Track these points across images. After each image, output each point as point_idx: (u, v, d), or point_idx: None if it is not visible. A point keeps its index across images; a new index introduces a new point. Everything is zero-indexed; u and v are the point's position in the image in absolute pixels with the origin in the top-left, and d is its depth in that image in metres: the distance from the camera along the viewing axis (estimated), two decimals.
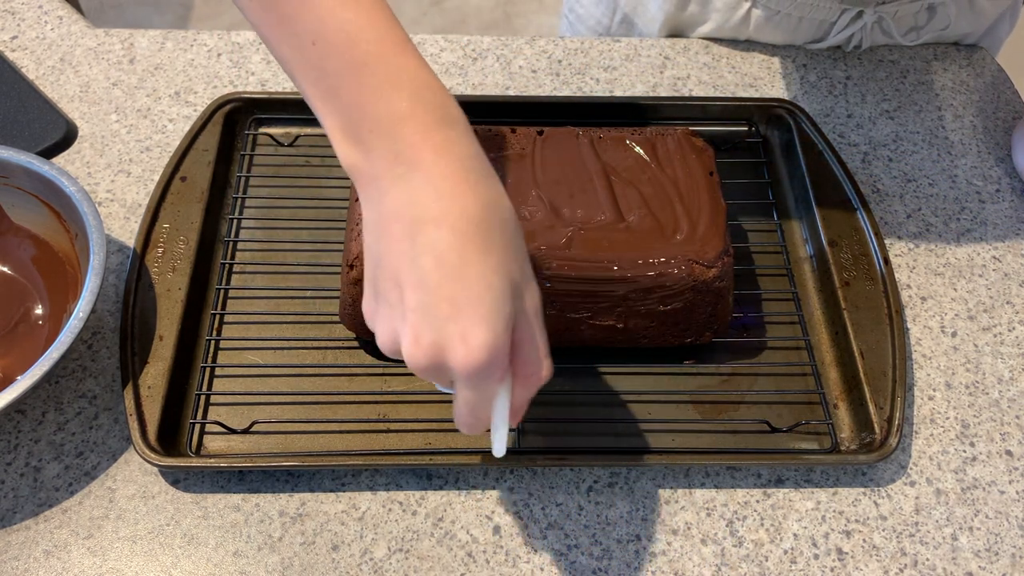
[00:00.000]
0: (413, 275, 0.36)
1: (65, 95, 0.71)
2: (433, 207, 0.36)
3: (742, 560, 0.52)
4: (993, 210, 0.68)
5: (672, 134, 0.59)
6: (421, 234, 0.36)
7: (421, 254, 0.36)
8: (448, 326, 0.36)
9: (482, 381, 0.37)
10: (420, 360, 0.37)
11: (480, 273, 0.36)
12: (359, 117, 0.38)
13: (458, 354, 0.36)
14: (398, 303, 0.37)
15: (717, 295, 0.55)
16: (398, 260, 0.37)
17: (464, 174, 0.37)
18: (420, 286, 0.36)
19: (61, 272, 0.59)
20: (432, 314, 0.36)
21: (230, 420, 0.55)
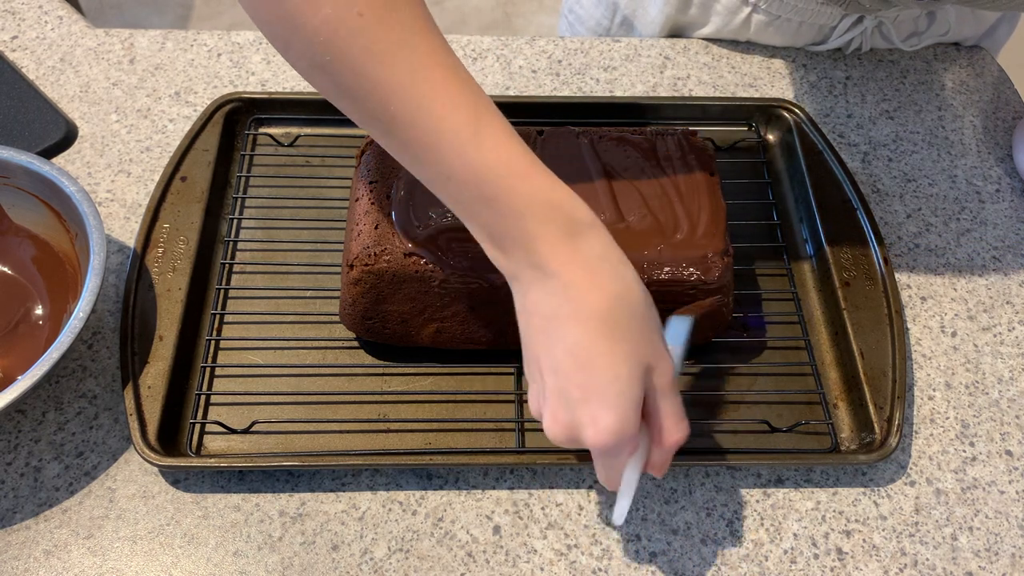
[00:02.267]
0: (550, 363, 0.42)
1: (65, 95, 0.71)
2: (564, 307, 0.42)
3: (742, 560, 0.52)
4: (993, 210, 0.68)
5: (672, 134, 0.59)
6: (555, 329, 0.42)
7: (555, 346, 0.42)
8: (580, 409, 0.41)
9: (611, 457, 0.43)
10: (558, 435, 0.43)
11: (608, 363, 0.41)
12: (499, 235, 0.43)
13: (588, 433, 0.41)
14: (541, 384, 0.44)
15: (717, 295, 0.55)
16: (538, 349, 0.43)
17: (591, 276, 0.42)
18: (556, 373, 0.42)
19: (61, 272, 0.59)
20: (566, 398, 0.42)
21: (230, 420, 0.55)
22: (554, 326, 0.42)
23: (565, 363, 0.42)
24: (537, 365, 0.43)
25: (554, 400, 0.42)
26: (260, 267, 0.62)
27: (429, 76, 0.40)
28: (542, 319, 0.43)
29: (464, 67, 0.42)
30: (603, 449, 0.42)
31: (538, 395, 0.44)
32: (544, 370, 0.43)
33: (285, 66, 0.74)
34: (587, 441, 0.42)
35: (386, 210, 0.54)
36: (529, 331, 0.44)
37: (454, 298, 0.54)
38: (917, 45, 0.77)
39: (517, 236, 0.42)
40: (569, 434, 0.42)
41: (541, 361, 0.43)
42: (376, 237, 0.53)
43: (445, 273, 0.53)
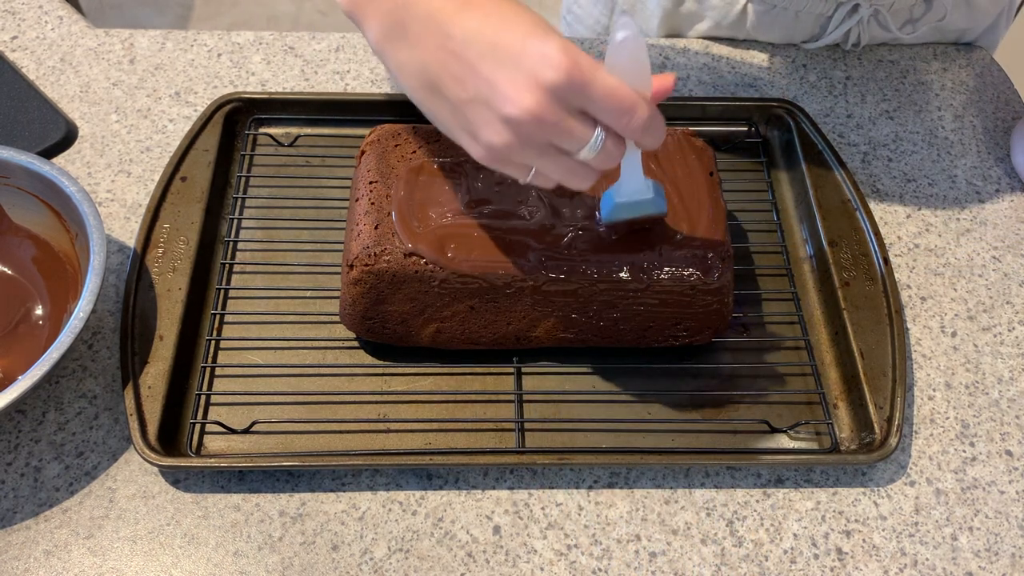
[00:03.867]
0: (472, 55, 0.41)
1: (65, 95, 0.71)
2: (448, 8, 0.41)
3: (742, 560, 0.52)
4: (993, 210, 0.68)
5: (672, 134, 0.59)
6: (455, 28, 0.41)
7: (464, 39, 0.41)
8: (525, 61, 0.39)
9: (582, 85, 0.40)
10: (531, 101, 0.40)
11: (516, 13, 0.41)
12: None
13: (548, 73, 0.39)
14: (477, 91, 0.41)
15: (717, 295, 0.55)
16: (451, 61, 0.41)
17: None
18: (482, 57, 0.40)
19: (61, 272, 0.59)
20: (508, 63, 0.40)
21: (230, 420, 0.55)
22: (453, 24, 0.41)
23: (483, 40, 0.40)
24: (458, 77, 0.42)
25: (501, 78, 0.40)
26: (260, 267, 0.62)
27: None
28: (435, 27, 0.42)
29: None
30: (568, 72, 0.39)
31: (480, 110, 0.42)
32: (472, 66, 0.41)
33: (285, 66, 0.74)
34: (551, 76, 0.39)
35: (386, 210, 0.54)
36: (426, 56, 0.42)
37: (454, 298, 0.54)
38: (913, 33, 0.76)
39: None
40: (536, 88, 0.40)
41: (462, 64, 0.41)
42: (376, 237, 0.53)
43: (445, 273, 0.53)
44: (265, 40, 0.76)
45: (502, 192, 0.55)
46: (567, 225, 0.54)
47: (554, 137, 0.42)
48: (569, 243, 0.54)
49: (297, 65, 0.74)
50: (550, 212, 0.55)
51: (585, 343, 0.57)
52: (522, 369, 0.58)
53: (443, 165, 0.56)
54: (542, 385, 0.57)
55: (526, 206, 0.55)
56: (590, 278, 0.53)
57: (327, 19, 1.99)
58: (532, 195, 0.56)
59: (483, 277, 0.53)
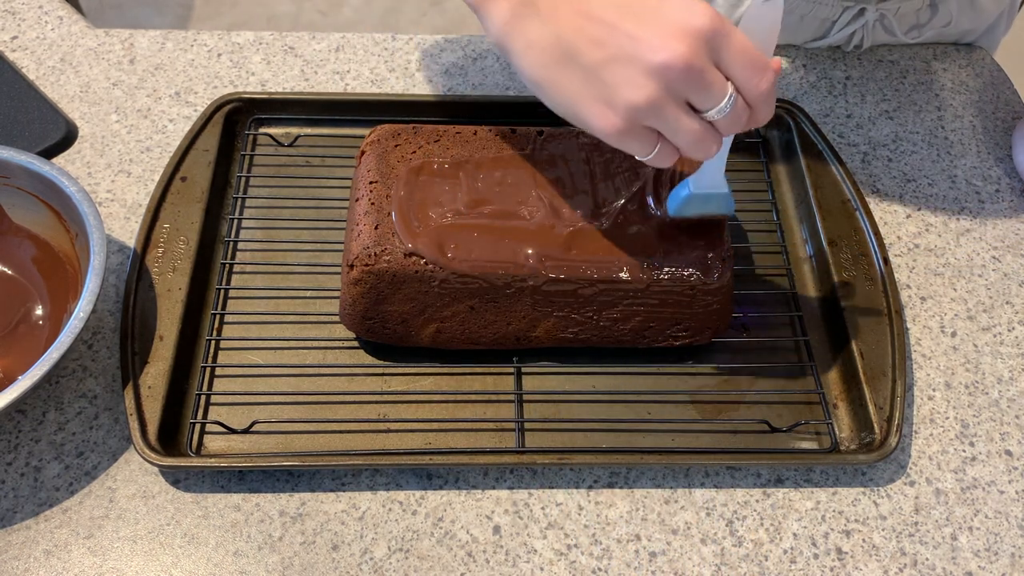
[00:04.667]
0: (611, 17, 0.41)
1: (65, 95, 0.71)
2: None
3: (742, 560, 0.52)
4: (993, 210, 0.68)
5: None
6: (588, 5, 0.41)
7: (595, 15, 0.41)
8: (668, 13, 0.40)
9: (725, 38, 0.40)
10: (680, 50, 0.39)
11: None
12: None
13: (696, 21, 0.39)
14: (619, 50, 0.41)
15: (717, 295, 0.55)
16: (589, 25, 0.41)
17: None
18: (622, 14, 0.40)
19: (61, 272, 0.59)
20: (650, 19, 0.40)
21: (230, 420, 0.55)
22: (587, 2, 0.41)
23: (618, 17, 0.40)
24: (596, 41, 0.41)
25: (645, 32, 0.40)
26: (260, 267, 0.62)
27: None
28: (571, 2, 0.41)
29: None
30: (715, 24, 0.39)
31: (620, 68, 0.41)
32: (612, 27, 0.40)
33: (285, 66, 0.74)
34: (699, 23, 0.39)
35: (386, 210, 0.54)
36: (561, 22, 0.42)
37: (454, 298, 0.54)
38: (918, 38, 0.76)
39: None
40: (684, 37, 0.39)
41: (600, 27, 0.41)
42: (376, 237, 0.53)
43: (445, 273, 0.53)
44: (265, 40, 0.76)
45: (502, 192, 0.55)
46: (567, 225, 0.54)
47: (697, 88, 0.41)
48: (569, 243, 0.54)
49: (297, 65, 0.74)
50: (550, 212, 0.55)
51: (585, 343, 0.57)
52: (522, 369, 0.58)
53: (443, 165, 0.56)
54: (542, 385, 0.57)
55: (526, 206, 0.55)
56: (590, 278, 0.53)
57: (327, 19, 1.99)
58: (532, 195, 0.56)
59: (483, 277, 0.53)
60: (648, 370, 0.58)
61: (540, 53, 0.44)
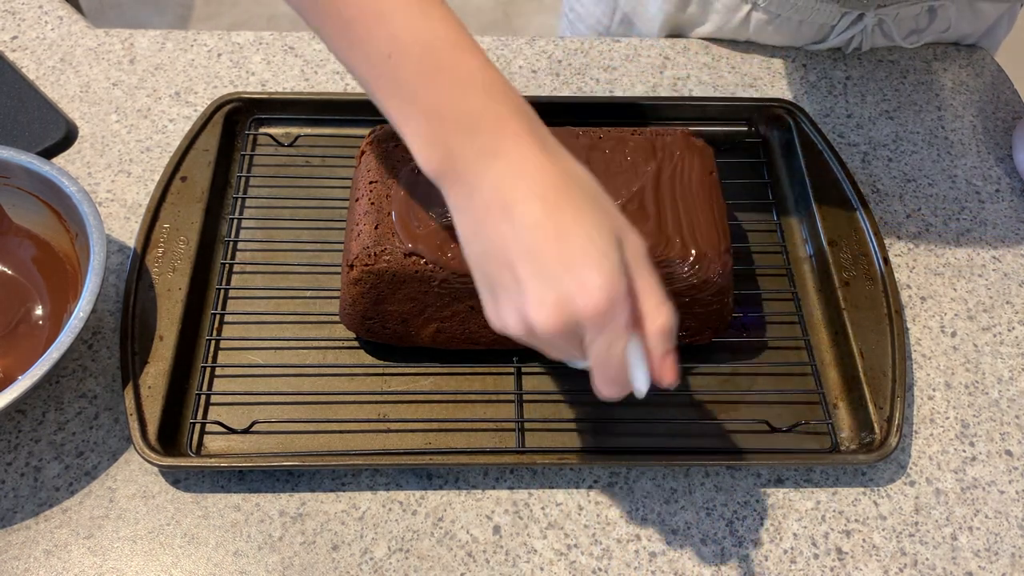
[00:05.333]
0: (520, 249, 0.39)
1: (65, 95, 0.71)
2: (521, 186, 0.39)
3: (742, 560, 0.52)
4: (993, 210, 0.68)
5: (672, 134, 0.59)
6: (516, 212, 0.39)
7: (521, 229, 0.39)
8: (565, 279, 0.38)
9: (609, 323, 0.39)
10: (550, 320, 0.39)
11: (580, 228, 0.39)
12: (438, 120, 0.40)
13: (580, 302, 0.38)
14: (514, 283, 0.40)
15: (717, 295, 0.55)
16: (502, 243, 0.40)
17: (542, 152, 0.40)
18: (529, 257, 0.39)
19: (61, 272, 0.59)
20: (548, 276, 0.39)
21: (230, 420, 0.55)
22: (515, 209, 0.39)
23: (536, 240, 0.39)
24: (506, 263, 0.40)
25: (534, 285, 0.39)
26: (260, 267, 0.62)
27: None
28: (499, 208, 0.40)
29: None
30: (600, 313, 0.38)
31: (509, 297, 0.41)
32: (516, 262, 0.39)
33: (285, 66, 0.74)
34: (581, 310, 0.38)
35: (386, 210, 0.54)
36: (487, 231, 0.40)
37: (454, 298, 0.54)
38: (917, 43, 0.77)
39: (461, 115, 0.40)
40: (561, 312, 0.39)
41: (510, 255, 0.40)
42: (376, 237, 0.53)
43: (445, 273, 0.53)
44: (265, 40, 0.76)
45: None
46: None
47: (557, 347, 0.42)
48: None
49: (297, 65, 0.74)
50: None
51: None
52: (522, 369, 0.58)
53: None
54: (542, 385, 0.57)
55: None
56: None
57: None
58: None
59: None
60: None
61: (467, 242, 0.43)
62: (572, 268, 0.39)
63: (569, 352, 0.42)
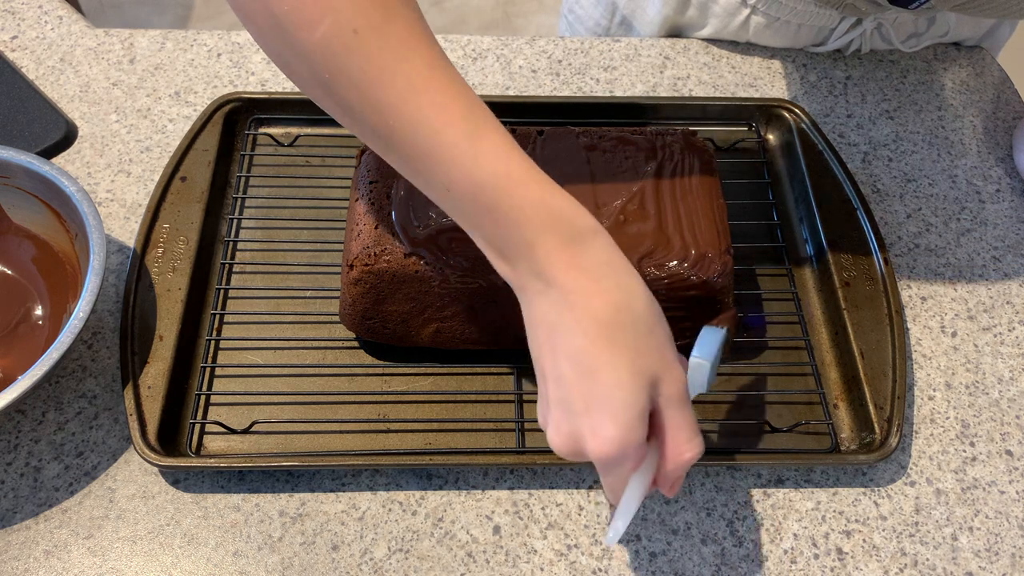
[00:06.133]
0: (553, 373, 0.42)
1: (65, 95, 0.71)
2: (566, 315, 0.41)
3: (742, 560, 0.52)
4: (993, 210, 0.68)
5: (672, 134, 0.59)
6: (558, 338, 0.41)
7: (559, 356, 0.41)
8: (582, 420, 0.41)
9: (614, 469, 0.42)
10: (560, 447, 0.42)
11: (610, 372, 0.40)
12: (500, 244, 0.43)
13: (590, 445, 0.41)
14: (545, 395, 0.43)
15: (717, 295, 0.55)
16: (543, 359, 0.43)
17: (594, 283, 0.41)
18: (559, 384, 0.42)
19: (61, 272, 0.59)
20: (569, 409, 0.41)
21: (230, 420, 0.55)
22: (557, 335, 0.41)
23: (567, 372, 0.41)
24: (543, 375, 0.43)
25: (557, 411, 0.42)
26: (260, 267, 0.62)
27: (427, 89, 0.40)
28: (546, 329, 0.42)
29: (461, 77, 0.42)
30: (604, 461, 0.41)
31: (544, 406, 0.44)
32: (548, 380, 0.42)
33: None
34: (588, 453, 0.41)
35: (386, 210, 0.54)
36: (535, 342, 0.43)
37: (454, 298, 0.54)
38: (916, 46, 0.77)
39: (518, 245, 0.42)
40: (572, 446, 0.42)
41: (545, 371, 0.43)
42: (376, 237, 0.53)
43: (445, 273, 0.53)
44: None
45: None
46: None
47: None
48: None
49: None
50: None
51: None
52: (522, 369, 0.58)
53: None
54: None
55: None
56: None
57: None
58: None
59: (483, 277, 0.53)
60: None
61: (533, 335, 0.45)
62: (591, 411, 0.40)
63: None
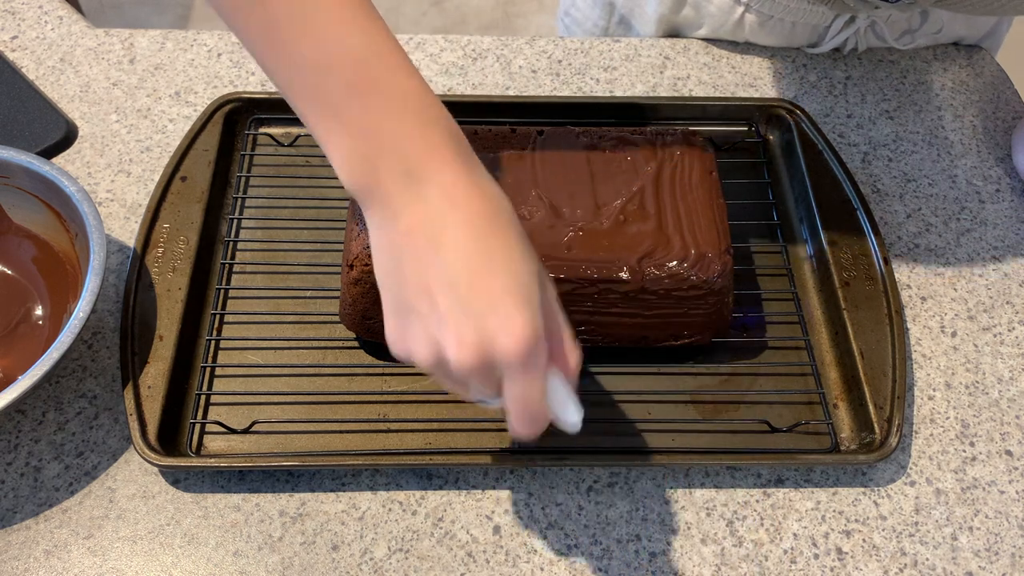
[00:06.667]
0: (443, 280, 0.38)
1: (65, 95, 0.71)
2: (450, 215, 0.38)
3: (742, 560, 0.52)
4: (993, 210, 0.68)
5: (672, 134, 0.59)
6: (444, 241, 0.38)
7: (448, 259, 0.38)
8: (488, 319, 0.37)
9: (531, 366, 0.38)
10: (468, 359, 0.37)
11: (507, 264, 0.38)
12: (365, 139, 0.38)
13: (503, 343, 0.37)
14: (431, 312, 0.38)
15: (717, 295, 0.55)
16: (425, 271, 0.38)
17: (472, 179, 0.39)
18: (452, 288, 0.37)
19: (61, 272, 0.59)
20: (470, 311, 0.37)
21: (230, 420, 0.55)
22: (444, 235, 0.38)
23: (461, 273, 0.37)
24: (426, 291, 0.38)
25: (455, 320, 0.37)
26: (260, 267, 0.62)
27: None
28: (427, 236, 0.38)
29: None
30: (522, 355, 0.37)
31: (423, 325, 0.39)
32: (436, 292, 0.38)
33: None
34: (503, 352, 0.37)
35: None
36: (409, 256, 0.39)
37: None
38: (911, 44, 0.77)
39: (391, 137, 0.38)
40: (481, 355, 0.37)
41: (431, 284, 0.38)
42: None
43: None
44: None
45: None
46: (567, 225, 0.54)
47: (469, 384, 0.40)
48: (569, 243, 0.54)
49: None
50: (550, 212, 0.55)
51: (585, 343, 0.57)
52: None
53: None
54: None
55: (526, 206, 0.55)
56: (590, 278, 0.53)
57: None
58: (532, 195, 0.56)
59: None
60: (648, 370, 0.58)
61: (379, 256, 0.41)
62: (497, 307, 0.37)
63: (478, 391, 0.40)
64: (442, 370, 0.39)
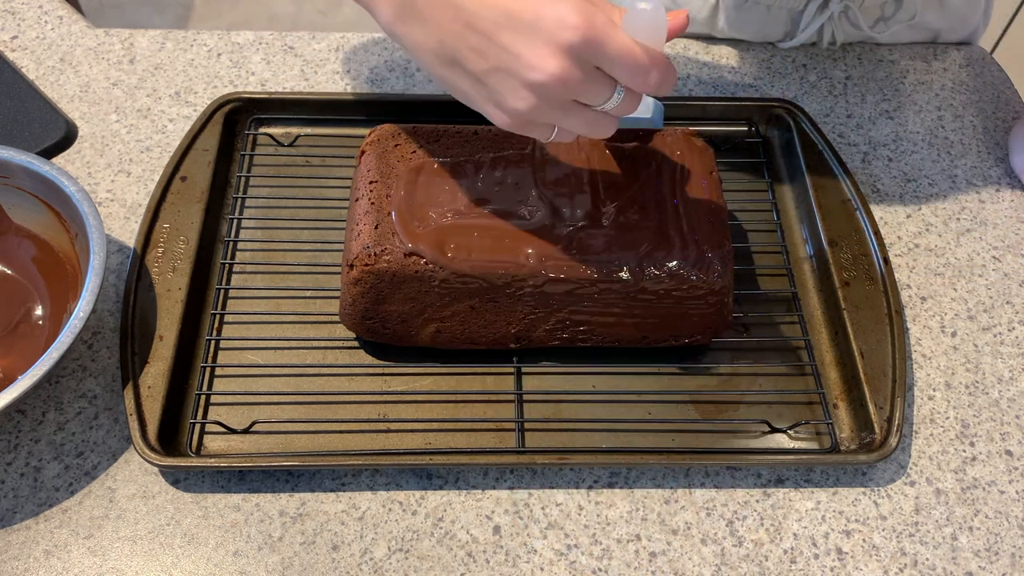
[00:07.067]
0: (487, 26, 0.41)
1: (65, 95, 0.71)
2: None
3: (742, 560, 0.52)
4: (993, 210, 0.68)
5: (672, 134, 0.59)
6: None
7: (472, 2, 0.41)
8: (544, 26, 0.39)
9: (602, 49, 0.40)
10: (556, 65, 0.40)
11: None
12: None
13: (566, 36, 0.39)
14: (501, 58, 0.41)
15: (717, 295, 0.55)
16: (464, 29, 0.41)
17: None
18: (496, 27, 0.40)
19: (61, 272, 0.59)
20: (529, 31, 0.40)
21: (230, 420, 0.55)
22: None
23: (496, 8, 0.40)
24: (475, 47, 0.41)
25: (522, 45, 0.40)
26: (260, 267, 0.62)
27: None
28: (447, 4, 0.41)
29: None
30: (586, 36, 0.39)
31: (502, 79, 0.42)
32: (489, 35, 0.41)
33: (285, 66, 0.74)
34: (569, 38, 0.39)
35: (386, 210, 0.54)
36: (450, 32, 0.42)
37: (454, 298, 0.54)
38: (886, 31, 0.76)
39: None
40: (557, 54, 0.40)
41: (478, 35, 0.41)
42: (376, 237, 0.53)
43: (445, 273, 0.53)
44: (265, 40, 0.76)
45: (502, 192, 0.55)
46: (567, 225, 0.54)
47: (578, 94, 0.42)
48: (569, 243, 0.54)
49: (297, 65, 0.74)
50: (550, 212, 0.55)
51: (585, 343, 0.57)
52: (522, 369, 0.58)
53: (443, 165, 0.56)
54: (542, 385, 0.57)
55: (526, 206, 0.55)
56: (590, 278, 0.53)
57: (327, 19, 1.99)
58: (532, 195, 0.56)
59: (483, 277, 0.53)
60: (648, 370, 0.58)
61: (428, 54, 0.44)
62: (541, 12, 0.39)
63: (593, 92, 0.42)
64: (547, 96, 0.41)
